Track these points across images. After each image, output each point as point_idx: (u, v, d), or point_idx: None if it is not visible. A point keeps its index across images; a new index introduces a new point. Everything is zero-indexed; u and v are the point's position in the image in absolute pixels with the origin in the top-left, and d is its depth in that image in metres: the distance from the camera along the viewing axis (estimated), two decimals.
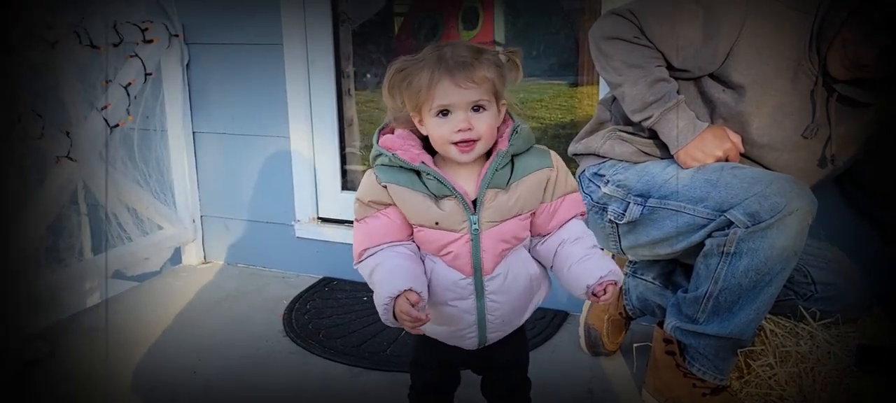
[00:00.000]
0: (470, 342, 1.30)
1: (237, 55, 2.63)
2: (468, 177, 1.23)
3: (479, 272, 1.24)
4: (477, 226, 1.21)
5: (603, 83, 2.16)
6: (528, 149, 1.24)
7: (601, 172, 1.79)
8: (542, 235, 1.29)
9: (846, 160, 1.72)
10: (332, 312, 2.41)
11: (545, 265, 1.32)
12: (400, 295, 1.16)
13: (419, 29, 3.14)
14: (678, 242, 1.66)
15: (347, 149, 2.75)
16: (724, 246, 1.57)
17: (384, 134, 1.27)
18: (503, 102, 1.23)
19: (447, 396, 1.43)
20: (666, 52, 1.65)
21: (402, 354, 2.09)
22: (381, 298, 1.17)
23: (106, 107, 2.35)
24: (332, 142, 2.68)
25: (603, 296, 1.20)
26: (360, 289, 2.54)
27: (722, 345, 1.66)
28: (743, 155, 1.68)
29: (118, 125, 2.39)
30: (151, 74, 2.51)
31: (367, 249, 1.24)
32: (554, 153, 1.28)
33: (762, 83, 1.62)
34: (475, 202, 1.21)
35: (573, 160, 1.90)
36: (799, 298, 1.77)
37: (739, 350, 1.70)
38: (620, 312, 2.03)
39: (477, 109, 1.19)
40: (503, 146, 1.21)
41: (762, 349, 1.75)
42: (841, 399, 1.61)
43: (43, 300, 2.19)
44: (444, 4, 3.05)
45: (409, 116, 1.23)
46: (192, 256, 2.87)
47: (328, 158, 2.70)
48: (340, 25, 2.64)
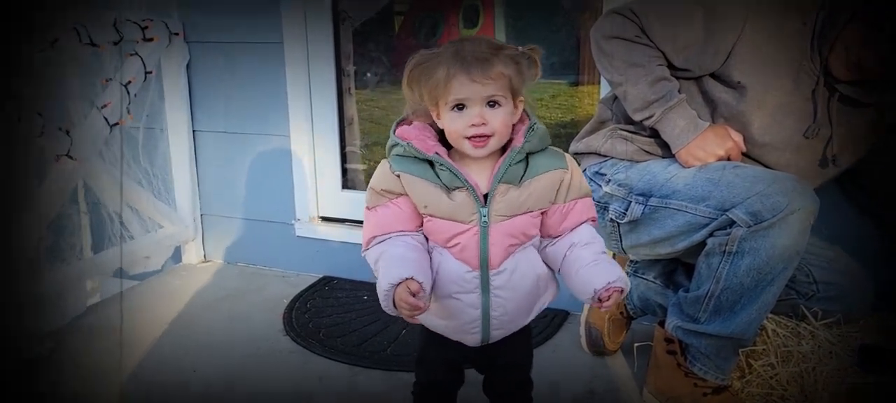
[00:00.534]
0: (473, 338, 1.30)
1: (237, 54, 2.62)
2: (481, 171, 1.24)
3: (485, 266, 1.24)
4: (486, 219, 1.22)
5: (604, 82, 2.15)
6: (543, 149, 1.25)
7: (602, 171, 1.79)
8: (552, 237, 1.29)
9: (847, 160, 1.72)
10: (332, 311, 2.41)
11: (553, 267, 1.32)
12: (401, 283, 1.16)
13: (419, 28, 3.14)
14: (680, 241, 1.65)
15: (348, 148, 2.75)
16: (725, 245, 1.57)
17: (402, 126, 1.28)
18: (520, 99, 1.23)
19: (451, 394, 1.43)
20: (667, 51, 1.65)
21: (402, 353, 2.08)
22: (382, 285, 1.18)
23: (106, 106, 2.35)
24: (332, 141, 2.68)
25: (606, 302, 1.20)
26: (360, 288, 2.54)
27: (723, 345, 1.65)
28: (744, 154, 1.68)
29: (118, 124, 2.39)
30: (151, 73, 2.51)
31: (375, 237, 1.25)
32: (569, 155, 1.28)
33: (763, 82, 1.62)
34: (486, 196, 1.22)
35: (574, 159, 1.89)
36: (801, 298, 1.77)
37: (741, 350, 1.70)
38: (621, 312, 2.02)
39: (492, 105, 1.19)
40: (518, 143, 1.22)
41: (764, 348, 1.75)
42: (843, 400, 1.61)
43: (43, 299, 2.19)
44: (444, 3, 3.05)
45: (427, 110, 1.25)
46: (192, 255, 2.86)
47: (328, 157, 2.69)
48: (341, 24, 2.64)
